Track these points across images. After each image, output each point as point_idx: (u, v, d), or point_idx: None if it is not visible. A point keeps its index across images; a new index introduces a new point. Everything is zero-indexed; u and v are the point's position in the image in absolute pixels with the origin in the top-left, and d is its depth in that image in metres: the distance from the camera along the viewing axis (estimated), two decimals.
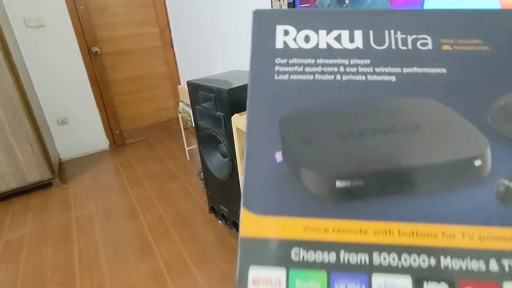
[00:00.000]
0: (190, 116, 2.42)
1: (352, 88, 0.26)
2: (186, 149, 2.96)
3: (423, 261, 0.21)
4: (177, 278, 1.59)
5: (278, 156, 0.24)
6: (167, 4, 3.19)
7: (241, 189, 0.23)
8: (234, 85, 1.46)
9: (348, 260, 0.22)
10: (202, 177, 2.19)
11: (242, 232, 0.23)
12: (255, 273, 0.22)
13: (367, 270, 0.21)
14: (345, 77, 0.26)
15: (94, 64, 3.03)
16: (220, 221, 1.98)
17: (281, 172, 0.24)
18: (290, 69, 0.26)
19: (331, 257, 0.22)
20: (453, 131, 0.24)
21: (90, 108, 3.12)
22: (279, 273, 0.22)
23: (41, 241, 1.97)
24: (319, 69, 0.26)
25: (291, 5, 1.46)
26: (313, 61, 0.27)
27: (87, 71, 3.00)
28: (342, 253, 0.22)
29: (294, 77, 0.26)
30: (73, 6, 2.80)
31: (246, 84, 1.49)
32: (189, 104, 2.43)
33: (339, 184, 0.23)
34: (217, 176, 1.73)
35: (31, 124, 2.32)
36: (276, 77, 0.26)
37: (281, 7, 1.58)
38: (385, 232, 0.22)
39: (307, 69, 0.26)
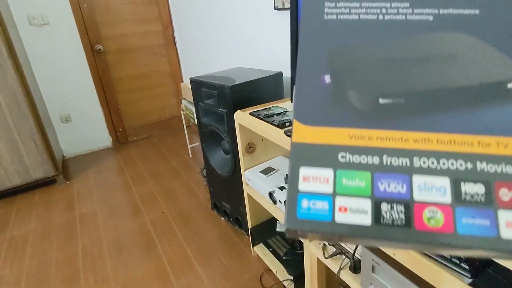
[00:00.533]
0: (192, 114, 2.43)
1: (393, 26, 0.29)
2: (189, 146, 2.97)
3: (460, 165, 0.23)
4: (180, 274, 1.60)
5: (327, 78, 0.27)
6: (169, 2, 3.20)
7: (292, 106, 0.26)
8: (237, 82, 1.46)
9: (391, 162, 0.24)
10: (205, 174, 2.20)
11: (294, 138, 0.25)
12: (305, 172, 0.24)
13: (408, 171, 0.23)
14: (386, 17, 0.29)
15: (97, 62, 3.04)
16: (222, 218, 1.99)
17: (329, 91, 0.27)
18: (338, 10, 0.30)
19: (374, 160, 0.24)
20: (486, 59, 0.26)
21: (94, 106, 3.14)
22: (327, 172, 0.24)
23: (45, 237, 1.98)
24: (364, 10, 0.29)
25: None
26: (358, 4, 0.30)
27: (91, 69, 3.01)
28: (385, 157, 0.24)
29: (341, 16, 0.30)
30: (77, 4, 2.81)
31: (249, 81, 1.50)
32: (192, 101, 2.43)
33: (382, 101, 0.26)
34: (220, 172, 1.74)
35: (35, 122, 2.33)
36: (325, 17, 0.30)
37: (283, 4, 1.58)
38: (425, 141, 0.24)
39: (353, 10, 0.29)
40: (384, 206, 0.23)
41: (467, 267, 0.65)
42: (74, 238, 1.96)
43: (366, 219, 0.23)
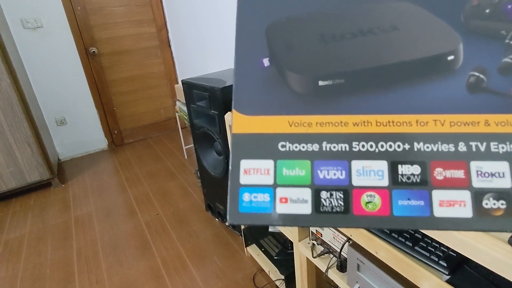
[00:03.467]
0: (186, 115, 2.44)
1: None
2: (184, 148, 2.98)
3: (398, 147, 0.23)
4: (174, 275, 1.62)
5: (266, 62, 0.26)
6: (164, 4, 3.21)
7: (233, 93, 0.26)
8: (228, 84, 1.48)
9: (330, 149, 0.24)
10: (199, 176, 2.21)
11: (234, 129, 0.25)
12: (246, 164, 0.24)
13: (347, 157, 0.24)
14: None
15: (92, 65, 3.05)
16: (216, 219, 2.00)
17: (268, 75, 0.26)
18: None
19: (314, 147, 0.24)
20: (428, 30, 0.26)
21: (89, 108, 3.15)
22: (267, 164, 0.24)
23: (40, 240, 1.99)
24: None
25: None
26: None
27: (85, 72, 3.02)
28: (324, 143, 0.24)
29: None
30: (70, 7, 2.82)
31: None
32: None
33: (321, 83, 0.25)
34: (213, 174, 1.76)
35: (29, 125, 2.34)
36: None
37: None
38: (364, 123, 0.24)
39: None
40: (324, 194, 0.23)
41: (445, 264, 0.67)
42: (69, 240, 1.97)
43: (306, 208, 0.23)
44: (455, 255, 0.68)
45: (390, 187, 0.23)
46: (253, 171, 0.24)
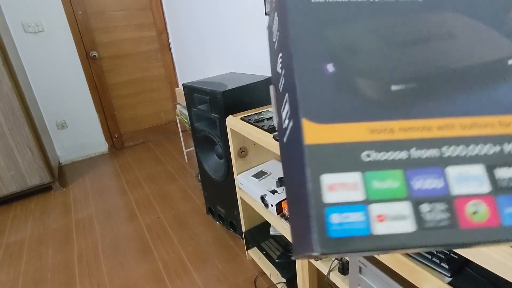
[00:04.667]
0: (187, 119, 2.45)
1: (385, 7, 0.26)
2: (185, 151, 2.99)
3: (489, 149, 0.22)
4: (175, 278, 1.62)
5: (330, 67, 0.24)
6: (164, 7, 3.23)
7: (297, 101, 0.24)
8: (229, 87, 1.48)
9: (420, 155, 0.22)
10: (200, 179, 2.22)
11: (307, 140, 0.22)
12: (329, 179, 0.21)
13: (441, 163, 0.22)
14: None
15: (93, 68, 3.06)
16: (217, 222, 2.00)
17: (335, 81, 0.24)
18: None
19: (403, 155, 0.22)
20: (482, 37, 0.25)
21: (89, 112, 3.15)
22: (354, 177, 0.21)
23: (41, 244, 1.99)
24: None
25: None
26: None
27: (86, 75, 3.03)
28: (413, 150, 0.22)
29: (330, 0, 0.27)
30: (71, 11, 2.83)
31: (241, 86, 1.52)
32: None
33: (394, 87, 0.24)
34: (214, 177, 1.76)
35: (30, 129, 2.35)
36: (313, 0, 0.27)
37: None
38: (448, 127, 0.23)
39: None
40: (425, 207, 0.21)
41: (447, 266, 0.67)
42: (70, 243, 1.97)
43: (408, 226, 0.20)
44: (457, 257, 0.68)
45: (493, 192, 0.21)
46: (339, 187, 0.21)
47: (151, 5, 3.17)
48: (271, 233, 1.59)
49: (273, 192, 1.30)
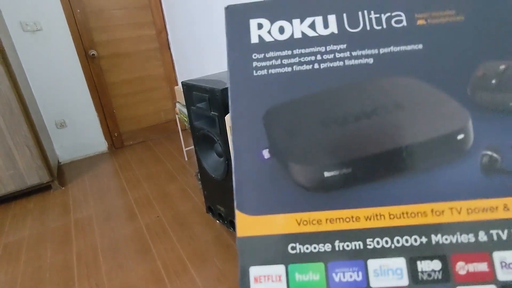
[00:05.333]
0: (186, 117, 2.43)
1: (331, 75, 0.25)
2: (184, 150, 2.97)
3: (415, 241, 0.22)
4: (174, 278, 1.60)
5: (266, 153, 0.24)
6: (163, 6, 3.21)
7: (233, 191, 0.24)
8: (228, 85, 1.46)
9: (343, 248, 0.22)
10: (199, 178, 2.20)
11: (238, 233, 0.23)
12: (255, 272, 0.22)
13: (363, 256, 0.22)
14: (323, 65, 0.26)
15: (92, 67, 3.04)
16: (217, 221, 1.99)
17: (270, 168, 0.24)
18: (268, 63, 0.26)
19: (326, 247, 0.22)
20: (434, 107, 0.24)
21: (89, 111, 3.14)
22: (278, 269, 0.22)
23: (40, 243, 1.98)
24: (297, 59, 0.26)
25: None
26: (289, 52, 0.26)
27: (85, 74, 3.02)
28: (337, 242, 0.22)
29: (272, 71, 0.26)
30: (70, 9, 2.81)
31: None
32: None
33: (327, 174, 0.23)
34: (213, 176, 1.74)
35: (29, 128, 2.33)
36: (255, 73, 0.26)
37: None
38: (376, 217, 0.22)
39: (285, 61, 0.26)
40: None
41: None
42: (69, 243, 1.96)
43: None
44: None
45: (410, 286, 0.21)
46: (264, 279, 0.22)
47: (150, 4, 3.16)
48: None
49: None
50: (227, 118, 1.38)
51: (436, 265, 0.21)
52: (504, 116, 0.23)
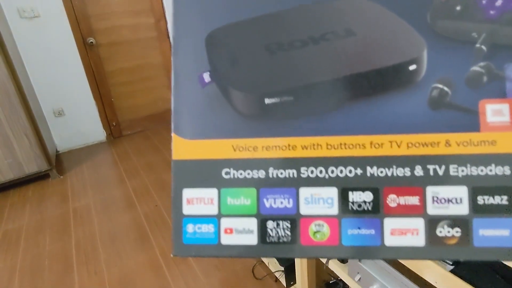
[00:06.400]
0: None
1: None
2: None
3: (349, 172, 0.22)
4: (173, 266, 1.61)
5: (206, 77, 0.23)
6: None
7: (171, 114, 0.24)
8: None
9: (277, 175, 0.22)
10: None
11: (174, 156, 0.23)
12: (188, 194, 0.23)
13: (295, 184, 0.22)
14: None
15: (90, 55, 3.01)
16: None
17: (210, 94, 0.23)
18: None
19: (260, 174, 0.22)
20: (388, 34, 0.22)
21: (87, 100, 3.12)
22: (211, 193, 0.23)
23: (39, 231, 1.99)
24: None
25: None
26: None
27: (83, 62, 2.99)
28: (271, 169, 0.22)
29: None
30: None
31: None
32: None
33: (268, 101, 0.23)
34: None
35: (27, 116, 2.32)
36: None
37: None
38: (314, 146, 0.22)
39: None
40: (270, 224, 0.22)
41: None
42: (68, 231, 1.96)
43: (252, 239, 0.22)
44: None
45: (339, 215, 0.21)
46: (196, 201, 0.23)
47: None
48: None
49: None
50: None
51: (367, 196, 0.21)
52: (463, 47, 0.21)
